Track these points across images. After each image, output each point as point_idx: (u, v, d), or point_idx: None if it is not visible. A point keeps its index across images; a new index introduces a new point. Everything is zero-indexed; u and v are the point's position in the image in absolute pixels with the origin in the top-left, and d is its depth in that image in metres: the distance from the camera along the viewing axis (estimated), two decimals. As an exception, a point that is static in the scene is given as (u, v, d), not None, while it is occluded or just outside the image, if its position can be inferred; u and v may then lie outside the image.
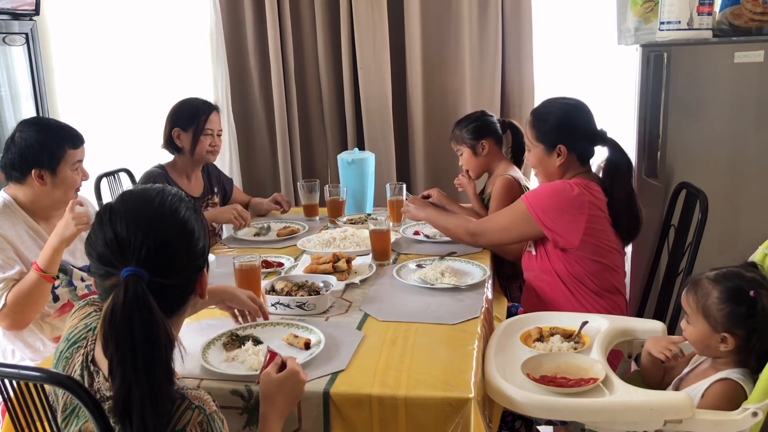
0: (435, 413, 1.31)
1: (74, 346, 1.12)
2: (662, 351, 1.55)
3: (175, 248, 1.03)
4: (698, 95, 2.64)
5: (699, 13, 2.58)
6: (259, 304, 1.62)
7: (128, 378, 0.92)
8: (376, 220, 2.10)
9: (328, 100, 3.46)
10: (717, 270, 1.47)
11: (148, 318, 0.94)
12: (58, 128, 1.89)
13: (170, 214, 1.04)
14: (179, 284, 1.04)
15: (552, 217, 1.94)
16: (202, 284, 1.09)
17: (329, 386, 1.35)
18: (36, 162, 1.83)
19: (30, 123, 1.89)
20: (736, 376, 1.42)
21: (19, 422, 1.18)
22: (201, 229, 1.08)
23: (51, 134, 1.85)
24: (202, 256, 1.08)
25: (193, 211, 1.08)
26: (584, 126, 2.02)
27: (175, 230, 1.04)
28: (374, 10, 3.27)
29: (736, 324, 1.40)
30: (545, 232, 1.96)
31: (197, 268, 1.07)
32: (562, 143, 1.99)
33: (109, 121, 3.45)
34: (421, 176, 3.43)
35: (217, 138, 2.58)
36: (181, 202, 1.07)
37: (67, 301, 1.92)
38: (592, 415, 1.36)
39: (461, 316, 1.69)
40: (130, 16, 3.45)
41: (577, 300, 1.98)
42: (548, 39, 3.26)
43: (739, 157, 2.65)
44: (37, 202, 1.88)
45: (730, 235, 2.66)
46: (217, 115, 2.60)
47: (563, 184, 1.96)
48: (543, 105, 2.09)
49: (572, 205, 1.92)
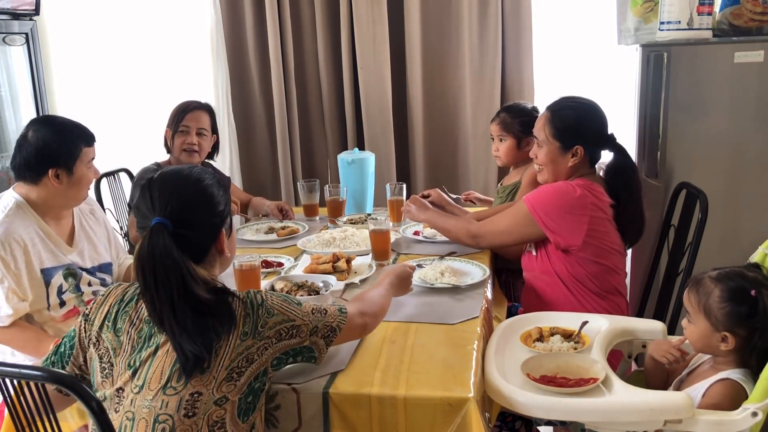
0: (435, 413, 1.31)
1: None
2: (665, 355, 1.55)
3: (196, 207, 1.25)
4: (698, 95, 2.64)
5: (699, 13, 2.58)
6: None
7: (152, 297, 1.17)
8: (376, 220, 2.10)
9: (328, 100, 3.46)
10: (719, 269, 1.47)
11: (164, 253, 1.16)
12: (72, 127, 1.86)
13: (194, 181, 1.28)
14: (199, 236, 1.25)
15: (554, 219, 1.93)
16: (221, 241, 1.30)
17: (329, 386, 1.35)
18: (54, 161, 1.80)
19: (43, 122, 1.87)
20: (737, 377, 1.42)
21: (19, 421, 1.18)
22: (222, 197, 1.30)
23: (67, 133, 1.82)
24: (220, 217, 1.29)
25: (216, 182, 1.31)
26: (600, 128, 2.01)
27: (196, 193, 1.27)
28: (374, 10, 3.27)
29: (737, 323, 1.41)
30: (547, 233, 1.95)
31: (215, 227, 1.29)
32: (580, 144, 1.96)
33: (109, 121, 3.45)
34: (421, 176, 3.43)
35: (195, 136, 2.52)
36: (206, 174, 1.32)
37: (73, 306, 1.89)
38: (592, 415, 1.36)
39: (461, 316, 1.69)
40: (130, 16, 3.45)
41: (577, 301, 1.98)
42: (548, 39, 3.26)
43: (739, 157, 2.65)
44: (50, 202, 1.85)
45: (730, 235, 2.66)
46: (203, 113, 2.55)
47: (565, 185, 1.95)
48: (561, 101, 2.05)
49: (575, 207, 1.92)
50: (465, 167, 3.41)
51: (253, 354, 1.20)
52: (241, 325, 1.20)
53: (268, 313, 1.23)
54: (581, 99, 2.05)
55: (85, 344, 1.27)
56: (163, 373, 1.16)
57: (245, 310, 1.21)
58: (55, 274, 1.85)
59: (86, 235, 2.00)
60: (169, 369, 1.16)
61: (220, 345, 1.17)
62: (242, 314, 1.21)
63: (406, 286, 1.72)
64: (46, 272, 1.83)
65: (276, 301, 1.25)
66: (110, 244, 2.10)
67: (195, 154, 2.53)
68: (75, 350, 1.27)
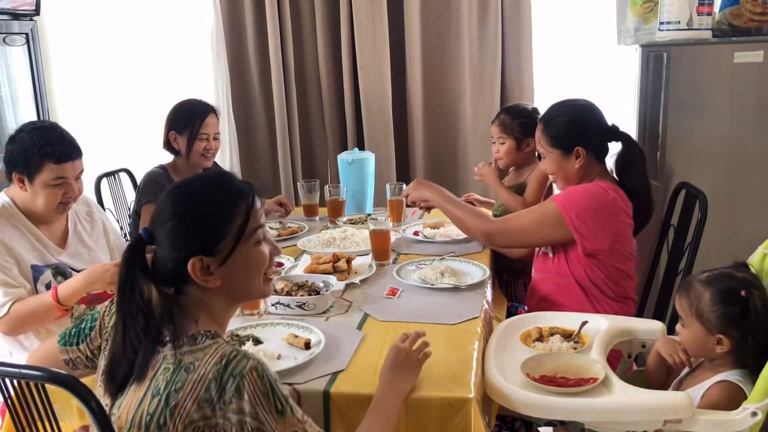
0: (435, 413, 1.31)
1: None
2: (672, 354, 1.54)
3: (173, 226, 1.13)
4: (698, 95, 2.64)
5: (699, 13, 2.58)
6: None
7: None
8: (376, 220, 2.10)
9: (328, 100, 3.46)
10: (708, 272, 1.48)
11: (125, 267, 1.11)
12: (43, 138, 1.80)
13: (185, 197, 1.16)
14: (167, 256, 1.13)
15: (585, 222, 1.88)
16: (194, 271, 1.12)
17: (329, 386, 1.35)
18: (15, 166, 1.81)
19: (29, 126, 1.87)
20: (735, 378, 1.42)
21: (19, 422, 1.19)
22: (207, 224, 1.13)
23: (32, 143, 1.79)
24: (192, 245, 1.13)
25: (211, 206, 1.15)
26: (597, 124, 1.98)
27: (178, 212, 1.13)
28: (374, 10, 3.27)
29: (731, 325, 1.41)
30: (576, 236, 1.89)
31: (186, 253, 1.12)
32: (580, 145, 1.94)
33: (109, 121, 3.45)
34: (421, 176, 3.42)
35: (213, 141, 2.55)
36: (205, 192, 1.17)
37: None
38: (592, 415, 1.37)
39: (461, 316, 1.69)
40: (130, 17, 3.45)
41: (592, 305, 1.95)
42: (548, 39, 3.26)
43: (739, 157, 2.65)
44: (28, 205, 1.86)
45: (730, 235, 2.66)
46: (214, 117, 2.57)
47: (597, 188, 1.90)
48: (551, 110, 2.03)
49: (607, 210, 1.88)
50: (465, 167, 3.41)
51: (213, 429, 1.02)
52: (201, 389, 1.02)
53: (238, 394, 1.01)
54: (570, 101, 2.03)
55: (101, 335, 1.22)
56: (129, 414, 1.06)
57: (217, 373, 1.03)
58: (44, 271, 1.86)
59: (79, 238, 2.00)
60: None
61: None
62: (209, 375, 1.03)
63: (411, 364, 1.37)
64: (34, 268, 1.84)
65: (258, 389, 1.02)
66: (109, 244, 2.10)
67: (211, 158, 2.58)
68: (94, 332, 1.23)
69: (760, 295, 1.41)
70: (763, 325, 1.40)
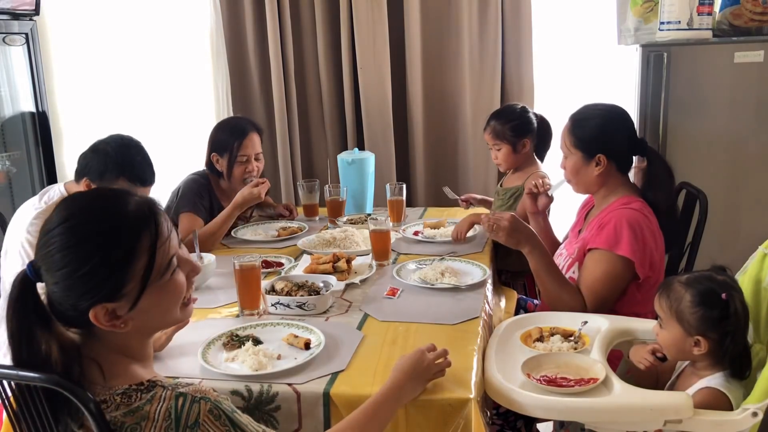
0: (435, 414, 1.31)
1: None
2: (641, 360, 1.55)
3: (65, 274, 0.98)
4: (698, 95, 2.64)
5: (699, 13, 2.58)
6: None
7: None
8: (376, 220, 2.10)
9: (328, 100, 3.46)
10: (688, 274, 1.48)
11: (15, 310, 0.99)
12: (126, 157, 1.96)
13: (73, 236, 0.98)
14: (63, 302, 1.00)
15: (639, 249, 1.77)
16: (98, 320, 0.99)
17: (329, 386, 1.35)
18: (89, 174, 1.92)
19: (115, 140, 2.00)
20: (717, 383, 1.41)
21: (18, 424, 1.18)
22: (104, 272, 0.98)
23: (114, 160, 1.93)
24: (91, 294, 0.98)
25: (105, 248, 0.98)
26: (626, 135, 1.90)
27: (67, 257, 0.98)
28: (374, 10, 3.27)
29: (710, 327, 1.41)
30: (637, 269, 1.78)
31: (86, 304, 0.98)
32: (603, 152, 1.86)
33: (110, 121, 3.44)
34: (421, 176, 3.43)
35: (254, 163, 2.50)
36: (97, 231, 0.99)
37: None
38: (592, 415, 1.36)
39: (461, 316, 1.69)
40: (130, 17, 3.45)
41: None
42: (548, 39, 3.27)
43: (739, 157, 2.65)
44: None
45: (730, 235, 2.66)
46: (256, 135, 2.51)
47: (636, 215, 1.81)
48: (583, 110, 1.95)
49: (648, 231, 1.81)
50: (465, 167, 3.41)
51: None
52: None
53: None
54: (605, 105, 1.94)
55: None
56: None
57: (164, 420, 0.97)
58: None
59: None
60: None
61: None
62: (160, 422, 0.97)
63: (425, 376, 1.33)
64: None
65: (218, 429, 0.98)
66: None
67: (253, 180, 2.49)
68: None
69: (740, 298, 1.42)
70: (742, 328, 1.41)
